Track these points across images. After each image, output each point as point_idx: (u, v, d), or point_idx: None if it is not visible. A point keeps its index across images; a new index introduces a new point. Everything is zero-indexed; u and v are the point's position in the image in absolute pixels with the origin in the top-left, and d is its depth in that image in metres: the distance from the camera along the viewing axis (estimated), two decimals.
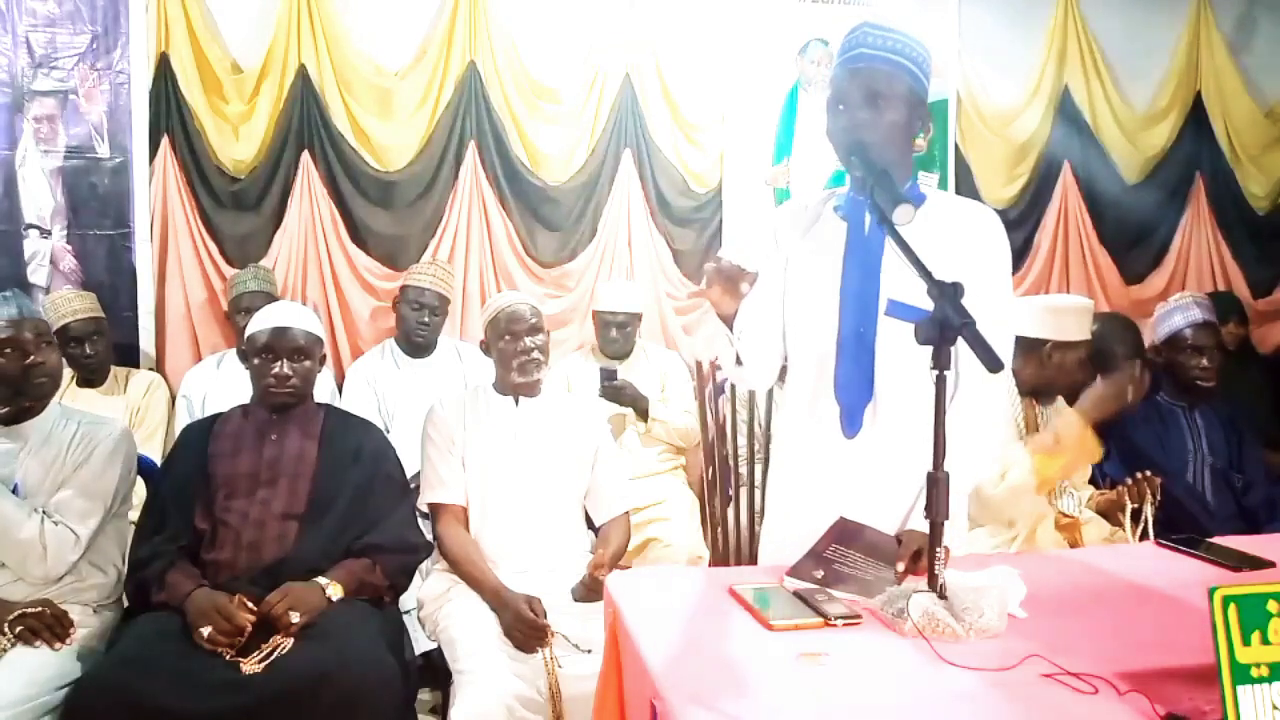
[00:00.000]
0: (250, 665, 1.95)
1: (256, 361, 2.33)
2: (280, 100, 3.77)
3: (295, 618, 2.03)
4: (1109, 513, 2.66)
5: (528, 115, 4.02)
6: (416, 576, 2.44)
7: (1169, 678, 1.18)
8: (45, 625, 2.08)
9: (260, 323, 2.36)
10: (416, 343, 3.63)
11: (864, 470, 1.78)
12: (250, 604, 2.05)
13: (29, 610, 2.09)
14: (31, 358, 2.23)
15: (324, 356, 2.46)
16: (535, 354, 2.48)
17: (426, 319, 3.61)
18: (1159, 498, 2.56)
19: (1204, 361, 2.98)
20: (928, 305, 1.65)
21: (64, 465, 2.25)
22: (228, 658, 1.97)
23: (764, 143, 4.26)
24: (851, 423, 1.79)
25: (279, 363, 2.31)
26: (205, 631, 1.99)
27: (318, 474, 2.30)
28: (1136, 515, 2.58)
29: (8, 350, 2.21)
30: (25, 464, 2.23)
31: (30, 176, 3.57)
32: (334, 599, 2.13)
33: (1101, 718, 1.13)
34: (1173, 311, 3.05)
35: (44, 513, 2.19)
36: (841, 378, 1.78)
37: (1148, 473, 2.58)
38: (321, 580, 2.14)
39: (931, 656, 1.29)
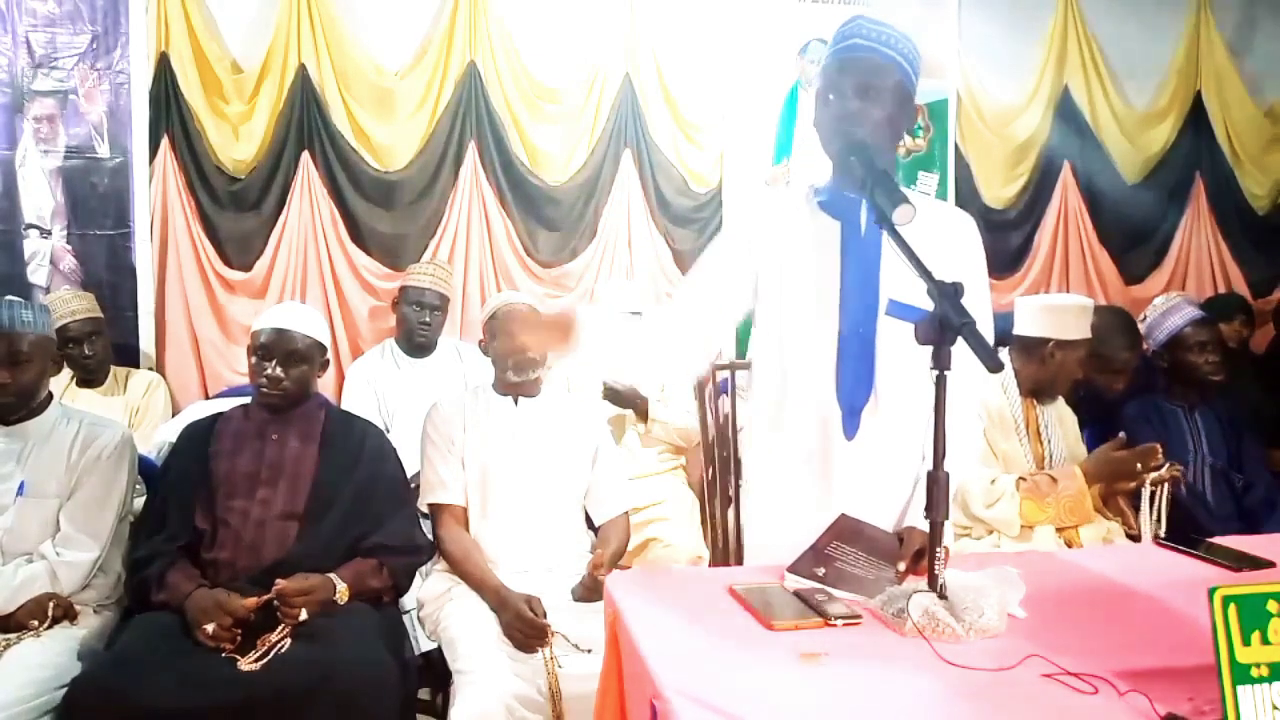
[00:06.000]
0: (247, 663, 1.95)
1: (254, 360, 2.34)
2: (280, 100, 3.77)
3: (303, 615, 2.04)
4: (1109, 495, 2.60)
5: (528, 115, 4.02)
6: (416, 576, 2.44)
7: (1169, 678, 1.18)
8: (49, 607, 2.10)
9: (264, 321, 2.37)
10: (417, 343, 3.63)
11: (862, 471, 1.77)
12: (250, 602, 2.05)
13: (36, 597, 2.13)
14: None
15: (326, 362, 2.45)
16: (530, 353, 2.48)
17: (428, 318, 3.61)
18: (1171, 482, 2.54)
19: (1211, 356, 3.01)
20: (929, 305, 1.64)
21: (67, 466, 2.25)
22: (224, 653, 1.98)
23: (764, 143, 4.25)
24: (851, 424, 1.77)
25: (273, 364, 2.30)
26: (209, 628, 1.99)
27: (318, 474, 2.30)
28: (1149, 501, 2.57)
29: None
30: (28, 464, 2.23)
31: (30, 176, 3.57)
32: (339, 603, 2.13)
33: (1101, 718, 1.13)
34: (1167, 314, 3.06)
35: (53, 544, 2.20)
36: (843, 379, 1.76)
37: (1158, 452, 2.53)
38: (333, 576, 2.15)
39: (931, 656, 1.28)
